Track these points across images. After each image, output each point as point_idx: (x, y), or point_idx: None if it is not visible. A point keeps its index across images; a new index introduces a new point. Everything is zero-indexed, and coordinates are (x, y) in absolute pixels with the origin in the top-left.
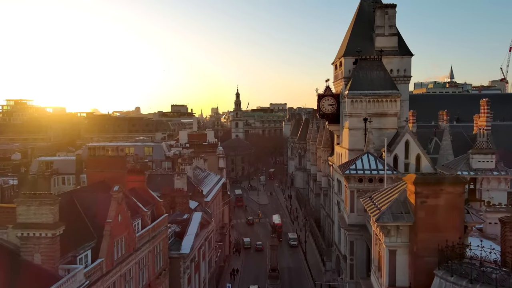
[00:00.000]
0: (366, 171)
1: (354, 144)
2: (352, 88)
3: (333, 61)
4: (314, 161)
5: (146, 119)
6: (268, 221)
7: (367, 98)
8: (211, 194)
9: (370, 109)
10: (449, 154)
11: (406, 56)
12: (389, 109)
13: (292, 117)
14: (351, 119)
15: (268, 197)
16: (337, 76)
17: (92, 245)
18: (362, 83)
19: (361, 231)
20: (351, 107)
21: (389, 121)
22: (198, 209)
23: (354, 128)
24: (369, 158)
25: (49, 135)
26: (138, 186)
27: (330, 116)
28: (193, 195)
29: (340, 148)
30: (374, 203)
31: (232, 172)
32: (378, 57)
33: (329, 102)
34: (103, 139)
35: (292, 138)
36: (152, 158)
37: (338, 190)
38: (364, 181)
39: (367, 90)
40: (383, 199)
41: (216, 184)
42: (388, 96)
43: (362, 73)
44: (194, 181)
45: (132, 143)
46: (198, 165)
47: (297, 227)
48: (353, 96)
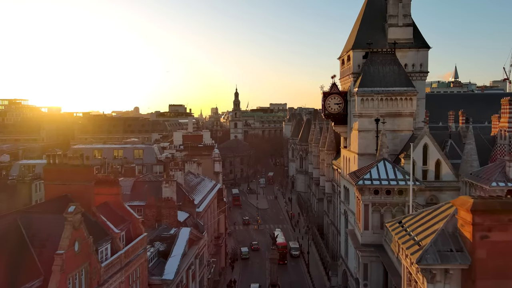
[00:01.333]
0: (383, 182)
1: (364, 148)
2: (362, 85)
3: (340, 55)
4: (317, 164)
5: (142, 119)
6: (267, 228)
7: (379, 96)
8: (204, 203)
9: (382, 108)
10: (474, 159)
11: (423, 49)
12: (404, 109)
13: (293, 117)
14: (361, 120)
15: (268, 201)
16: (344, 71)
17: (37, 284)
18: (373, 79)
19: (377, 252)
20: (361, 106)
21: (404, 122)
22: (188, 221)
23: (364, 129)
24: (386, 166)
25: (41, 135)
26: (111, 200)
27: (337, 116)
28: (183, 205)
29: (347, 152)
30: (409, 233)
31: (231, 174)
32: (391, 50)
33: (335, 100)
34: (97, 140)
35: (293, 139)
36: (143, 161)
37: (345, 199)
38: (381, 193)
39: (379, 87)
40: (421, 228)
41: (211, 190)
42: (403, 94)
43: (373, 68)
44: (185, 189)
45: (121, 145)
46: (191, 169)
47: (298, 235)
48: (364, 94)
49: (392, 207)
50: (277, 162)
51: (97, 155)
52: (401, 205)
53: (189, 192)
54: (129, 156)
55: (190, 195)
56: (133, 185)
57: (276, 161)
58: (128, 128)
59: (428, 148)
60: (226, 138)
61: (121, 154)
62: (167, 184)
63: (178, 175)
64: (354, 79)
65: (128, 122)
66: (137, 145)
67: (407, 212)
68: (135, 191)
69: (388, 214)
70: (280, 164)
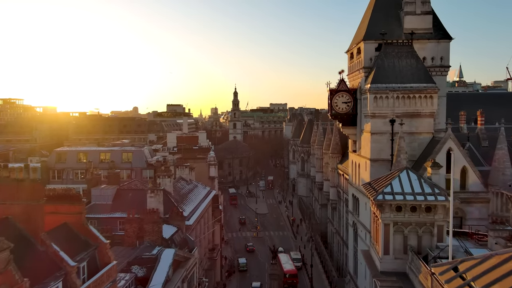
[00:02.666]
0: (407, 196)
1: (377, 153)
2: (376, 81)
3: (348, 48)
4: (320, 168)
5: (138, 120)
6: (267, 235)
7: (395, 93)
8: (196, 214)
9: (398, 107)
10: (506, 167)
11: (444, 40)
12: (423, 108)
13: (294, 117)
14: (374, 121)
15: (268, 205)
16: (353, 66)
17: None
18: (388, 74)
19: (400, 282)
20: (374, 105)
21: (423, 123)
22: (176, 237)
23: (377, 132)
24: (409, 177)
25: (34, 136)
26: (72, 220)
27: (345, 116)
28: (171, 217)
29: (357, 157)
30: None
31: (229, 176)
32: (408, 41)
33: (343, 99)
34: (91, 141)
35: (294, 140)
36: (131, 165)
37: (354, 209)
38: (405, 211)
39: (394, 83)
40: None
41: (205, 198)
42: (422, 91)
43: (388, 61)
44: (174, 198)
45: (108, 148)
46: (183, 175)
47: (300, 243)
48: (377, 91)
49: (418, 227)
50: (277, 163)
51: (82, 159)
52: (429, 224)
53: (179, 202)
54: (117, 159)
55: (179, 205)
56: (116, 193)
57: (276, 162)
58: (124, 128)
59: (453, 154)
60: (225, 139)
61: (108, 157)
62: (152, 193)
63: (167, 182)
64: (366, 75)
65: (124, 123)
66: (126, 147)
67: (436, 233)
68: (118, 200)
69: (413, 235)
70: (280, 165)
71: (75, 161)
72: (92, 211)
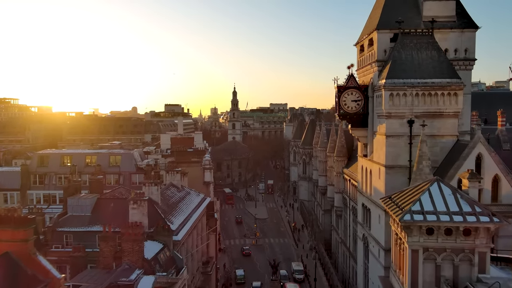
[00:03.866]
0: (441, 216)
1: (393, 159)
2: (392, 76)
3: (358, 40)
4: (323, 171)
5: (134, 120)
6: (267, 243)
7: (414, 89)
8: (186, 226)
9: (418, 106)
10: None
11: (468, 29)
12: (446, 107)
13: (294, 117)
14: (390, 122)
15: (268, 209)
16: (364, 60)
17: None
18: (405, 68)
19: None
20: (390, 103)
21: (446, 124)
22: (161, 256)
23: (393, 134)
24: (442, 191)
25: (27, 136)
26: (16, 249)
27: (355, 117)
28: (156, 232)
29: (368, 163)
30: None
31: (228, 178)
32: (428, 30)
33: (353, 97)
34: (86, 142)
35: (295, 141)
36: (120, 169)
37: (364, 221)
38: (438, 234)
39: (413, 79)
40: None
41: (198, 207)
42: (446, 87)
43: (405, 53)
44: (162, 208)
45: (94, 151)
46: (174, 181)
47: (302, 251)
48: (393, 87)
49: (454, 255)
50: (277, 165)
51: (66, 162)
52: (468, 251)
53: (167, 213)
54: (104, 163)
55: (167, 217)
56: (96, 203)
57: (276, 164)
58: (120, 129)
59: (483, 160)
60: (224, 139)
61: (94, 160)
62: (135, 204)
63: (153, 190)
64: (379, 69)
65: (120, 123)
66: (114, 150)
67: (477, 262)
68: (98, 211)
69: (448, 264)
70: (281, 167)
71: (58, 165)
72: (67, 224)
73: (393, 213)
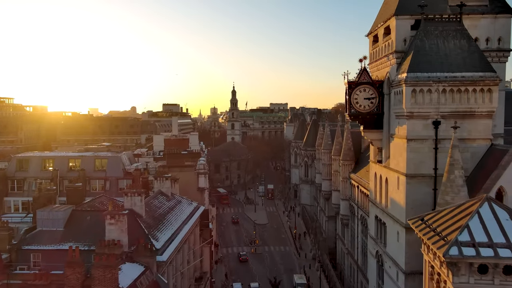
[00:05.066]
0: (501, 251)
1: (416, 166)
2: (414, 69)
3: (370, 30)
4: (327, 175)
5: (130, 120)
6: (267, 251)
7: (441, 85)
8: (175, 242)
9: (445, 104)
10: None
11: (503, 15)
12: (478, 106)
13: (295, 117)
14: (412, 123)
15: (268, 214)
16: (378, 52)
17: None
18: (430, 59)
19: None
20: (412, 101)
21: (478, 126)
22: (142, 281)
23: (416, 137)
24: (496, 215)
25: (20, 136)
26: None
27: (368, 117)
28: (137, 252)
29: (383, 170)
30: None
31: (227, 180)
32: (456, 15)
33: (366, 94)
34: (80, 142)
35: (296, 142)
36: (106, 174)
37: (378, 235)
38: (494, 273)
39: (440, 72)
40: None
41: (189, 218)
42: (478, 82)
43: (429, 42)
44: (146, 222)
45: (78, 154)
46: (163, 188)
47: (304, 261)
48: (416, 82)
49: None
50: (277, 166)
51: (48, 166)
52: None
53: (152, 228)
54: (89, 167)
55: (152, 232)
56: (70, 216)
57: (276, 165)
58: (116, 129)
59: None
60: (224, 140)
61: (78, 164)
62: (112, 219)
63: (136, 201)
64: (398, 61)
65: (116, 123)
66: (100, 153)
67: None
68: (72, 226)
69: None
70: (281, 168)
71: (39, 169)
72: (35, 241)
73: (431, 242)
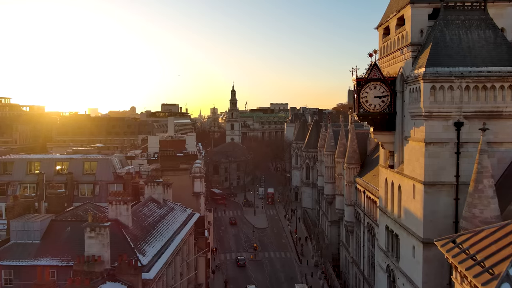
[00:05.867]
0: None
1: (435, 173)
2: (433, 63)
3: (380, 22)
4: (330, 178)
5: (128, 120)
6: (267, 258)
7: (464, 81)
8: (165, 255)
9: (468, 103)
10: None
11: None
12: (506, 105)
13: (296, 118)
14: (431, 124)
15: (268, 217)
16: (390, 45)
17: None
18: (451, 52)
19: None
20: (431, 99)
21: (506, 128)
22: None
23: (435, 141)
24: None
25: (14, 137)
26: None
27: (379, 117)
28: (119, 269)
29: (397, 176)
30: None
31: (226, 182)
32: (480, 3)
33: (377, 91)
34: (76, 143)
35: (297, 143)
36: (95, 178)
37: (389, 248)
38: None
39: (462, 66)
40: None
41: (182, 227)
42: (506, 79)
43: (450, 33)
44: (133, 234)
45: (66, 156)
46: (154, 195)
47: (306, 269)
48: (436, 78)
49: None
50: (278, 167)
51: (33, 170)
52: None
53: (139, 240)
54: (77, 170)
55: (139, 245)
56: (49, 227)
57: (277, 166)
58: (113, 129)
59: None
60: (224, 140)
61: (66, 167)
62: (92, 232)
63: (122, 210)
64: (414, 55)
65: (113, 123)
66: (90, 155)
67: None
68: (50, 238)
69: None
70: (282, 169)
71: (23, 173)
72: (8, 256)
73: (472, 275)
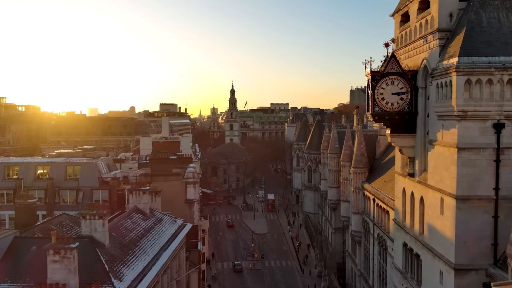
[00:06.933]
0: None
1: (470, 185)
2: (468, 51)
3: (397, 7)
4: (334, 182)
5: (124, 120)
6: (267, 267)
7: (506, 73)
8: (148, 277)
9: (510, 101)
10: None
11: None
12: None
13: (297, 118)
14: (464, 126)
15: (268, 221)
16: (410, 34)
17: None
18: (490, 38)
19: None
20: (466, 96)
21: None
22: None
23: (470, 146)
24: None
25: (7, 138)
26: None
27: (397, 117)
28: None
29: (419, 187)
30: None
31: (224, 184)
32: None
33: (395, 87)
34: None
35: (298, 144)
36: (79, 184)
37: (407, 269)
38: None
39: (504, 56)
40: None
41: (171, 241)
42: None
43: (487, 16)
44: (110, 254)
45: (47, 160)
46: (140, 204)
47: (309, 280)
48: (472, 70)
49: None
50: (278, 168)
51: (11, 174)
52: None
53: (117, 261)
54: (59, 175)
55: (116, 267)
56: (11, 245)
57: (277, 167)
58: (108, 129)
59: None
60: (223, 141)
61: (47, 172)
62: (56, 255)
63: (97, 226)
64: (442, 43)
65: (109, 123)
66: (73, 159)
67: None
68: (11, 259)
69: None
70: (282, 171)
71: (0, 178)
72: None
73: None
